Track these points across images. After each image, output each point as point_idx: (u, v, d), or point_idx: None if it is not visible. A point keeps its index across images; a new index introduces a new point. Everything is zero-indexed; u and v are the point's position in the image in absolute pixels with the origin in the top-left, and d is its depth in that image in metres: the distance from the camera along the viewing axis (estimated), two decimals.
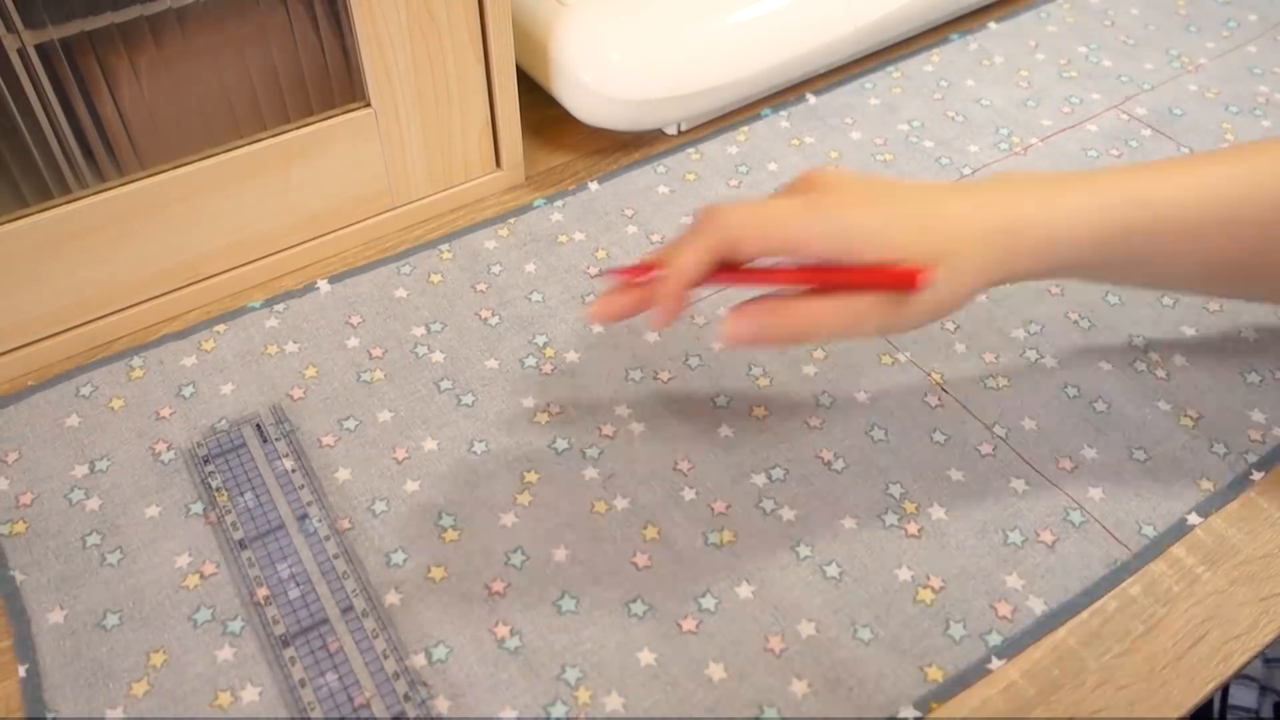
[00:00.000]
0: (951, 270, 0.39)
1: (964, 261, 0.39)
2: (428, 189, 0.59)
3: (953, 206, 0.40)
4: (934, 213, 0.40)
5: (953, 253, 0.39)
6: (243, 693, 0.39)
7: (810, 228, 0.38)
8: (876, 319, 0.39)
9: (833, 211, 0.38)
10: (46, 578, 0.43)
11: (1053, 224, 0.40)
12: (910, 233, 0.38)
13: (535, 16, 0.61)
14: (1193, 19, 0.75)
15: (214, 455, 0.47)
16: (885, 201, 0.40)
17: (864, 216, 0.39)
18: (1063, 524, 0.45)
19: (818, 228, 0.38)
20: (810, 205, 0.39)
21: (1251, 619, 0.42)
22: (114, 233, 0.49)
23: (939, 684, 0.40)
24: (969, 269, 0.39)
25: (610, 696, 0.39)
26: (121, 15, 0.46)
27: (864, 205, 0.39)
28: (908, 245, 0.38)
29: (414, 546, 0.44)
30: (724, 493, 0.46)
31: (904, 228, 0.39)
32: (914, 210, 0.40)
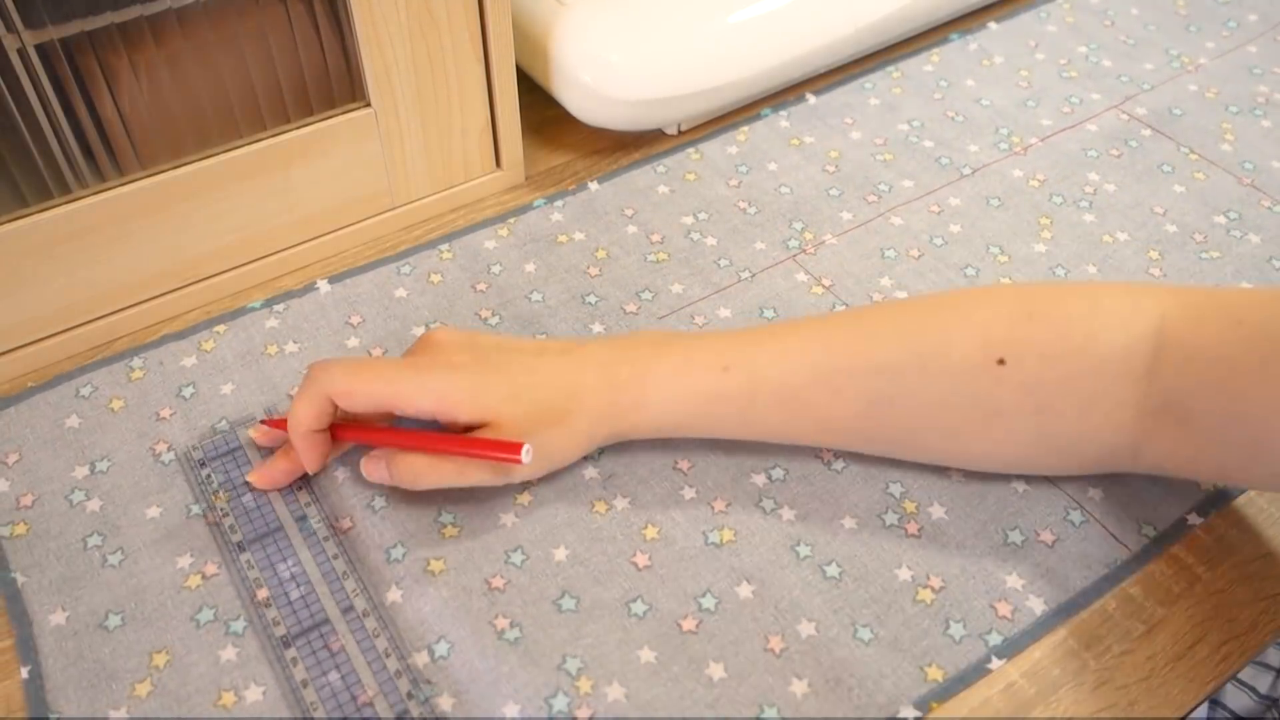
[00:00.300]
0: (548, 437, 0.42)
1: (558, 431, 0.42)
2: (428, 189, 0.59)
3: (548, 373, 0.43)
4: (527, 381, 0.43)
5: (545, 422, 0.42)
6: (246, 692, 0.39)
7: (407, 387, 0.42)
8: (489, 479, 0.42)
9: (428, 373, 0.42)
10: (48, 579, 0.43)
11: (644, 398, 0.43)
12: (501, 399, 0.42)
13: (535, 16, 0.61)
14: (1193, 19, 0.75)
15: (210, 458, 0.47)
16: (479, 366, 0.43)
17: (456, 380, 0.42)
18: (1063, 524, 0.45)
19: (412, 388, 0.42)
20: (409, 366, 0.43)
21: (1251, 619, 0.42)
22: (114, 233, 0.49)
23: (939, 684, 0.40)
24: (565, 436, 0.43)
25: (612, 686, 0.39)
26: (121, 15, 0.46)
27: (459, 369, 0.42)
28: (499, 408, 0.41)
29: (414, 540, 0.44)
30: (724, 493, 0.46)
31: (495, 394, 0.42)
32: (507, 377, 0.42)
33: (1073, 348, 0.40)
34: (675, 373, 0.43)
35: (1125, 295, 0.41)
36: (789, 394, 0.42)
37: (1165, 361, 0.39)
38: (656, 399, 0.43)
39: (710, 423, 0.44)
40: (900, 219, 0.60)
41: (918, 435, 0.43)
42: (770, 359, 0.43)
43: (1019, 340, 0.40)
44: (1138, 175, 0.62)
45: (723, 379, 0.43)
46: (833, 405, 0.42)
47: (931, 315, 0.42)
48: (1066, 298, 0.42)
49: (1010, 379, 0.40)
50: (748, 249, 0.58)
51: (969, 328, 0.41)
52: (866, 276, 0.56)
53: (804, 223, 0.59)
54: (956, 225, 0.59)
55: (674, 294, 0.55)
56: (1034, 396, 0.40)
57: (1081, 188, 0.62)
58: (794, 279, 0.56)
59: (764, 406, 0.43)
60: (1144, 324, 0.40)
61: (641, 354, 0.44)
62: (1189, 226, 0.59)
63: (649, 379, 0.43)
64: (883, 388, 0.42)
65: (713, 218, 0.60)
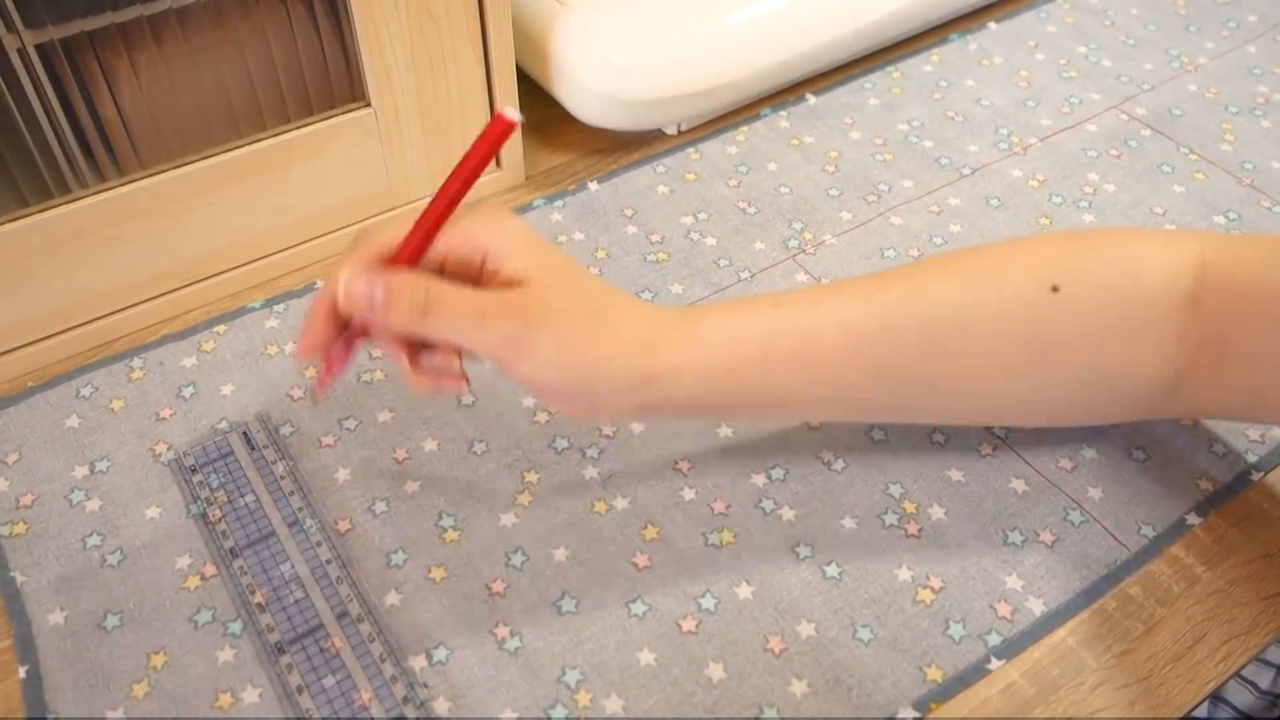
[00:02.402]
0: (592, 332, 0.37)
1: (604, 330, 0.38)
2: (428, 189, 0.59)
3: (598, 290, 0.39)
4: (579, 279, 0.39)
5: (589, 315, 0.38)
6: (243, 694, 0.39)
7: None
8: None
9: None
10: (47, 579, 0.43)
11: (692, 334, 0.39)
12: (547, 264, 0.38)
13: (535, 16, 0.61)
14: (1193, 19, 0.75)
15: (201, 465, 0.47)
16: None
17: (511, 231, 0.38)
18: (1063, 524, 0.45)
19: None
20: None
21: (1251, 619, 0.42)
22: (114, 233, 0.49)
23: (938, 684, 0.40)
24: (609, 340, 0.38)
25: (610, 699, 0.39)
26: (121, 15, 0.46)
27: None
28: (542, 267, 0.37)
29: (414, 547, 0.44)
30: (724, 493, 0.46)
31: (542, 253, 0.38)
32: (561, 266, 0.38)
33: (1122, 273, 0.40)
34: (723, 310, 0.40)
35: (1165, 233, 0.42)
36: (848, 334, 0.40)
37: (1208, 290, 0.40)
38: (706, 336, 0.39)
39: (765, 373, 0.39)
40: (900, 219, 0.59)
41: (974, 376, 0.41)
42: (825, 298, 0.40)
43: (1071, 268, 0.40)
44: (1137, 175, 0.62)
45: (775, 315, 0.39)
46: (892, 344, 0.40)
47: (984, 254, 0.42)
48: (1111, 233, 0.43)
49: (1065, 307, 0.40)
50: (747, 249, 0.58)
51: (1022, 259, 0.41)
52: None
53: (804, 223, 0.59)
54: (956, 225, 0.59)
55: (674, 294, 0.55)
56: (1087, 326, 0.40)
57: (1081, 188, 0.61)
58: (794, 279, 0.56)
59: (823, 344, 0.39)
60: (1185, 254, 0.40)
61: (686, 308, 0.41)
62: (1189, 226, 0.59)
63: (697, 317, 0.39)
64: (941, 323, 0.40)
65: (713, 218, 0.60)
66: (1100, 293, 0.40)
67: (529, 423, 0.49)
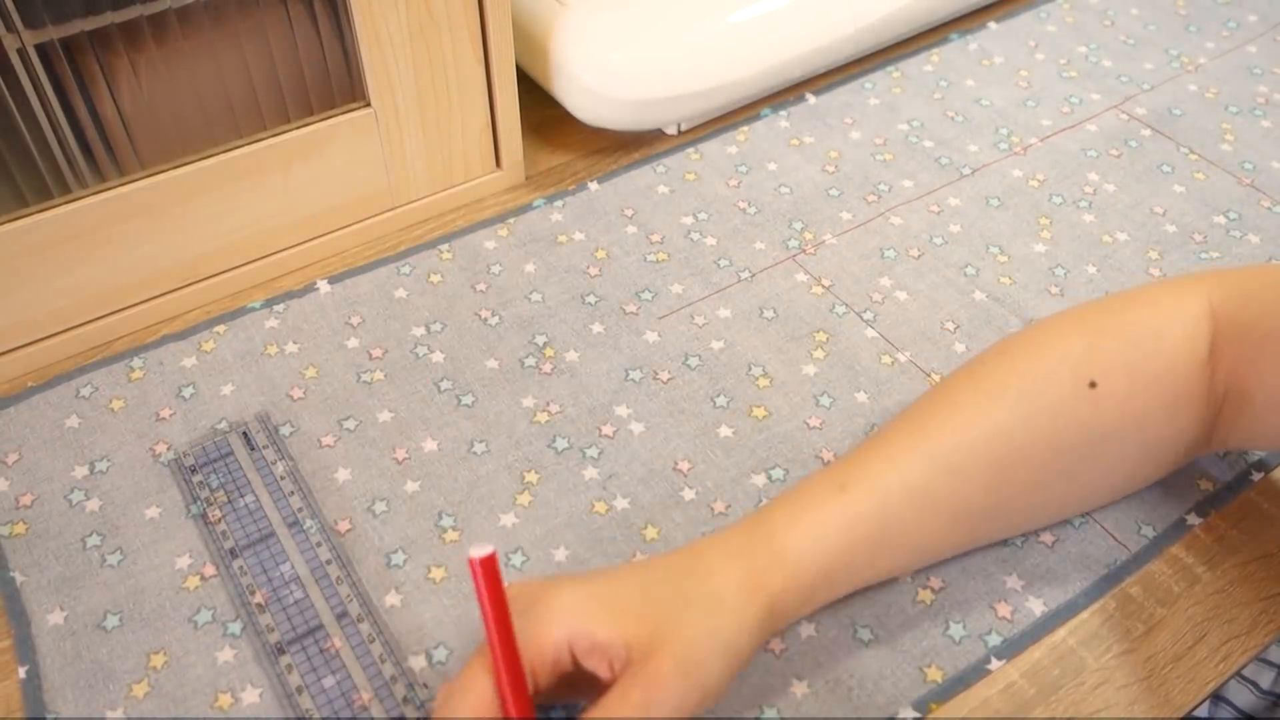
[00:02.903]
0: (706, 626, 0.35)
1: (715, 617, 0.36)
2: (428, 189, 0.59)
3: (661, 567, 0.37)
4: (644, 577, 0.37)
5: (693, 609, 0.35)
6: (243, 694, 0.39)
7: (527, 623, 0.35)
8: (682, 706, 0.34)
9: (551, 596, 0.36)
10: (46, 579, 0.43)
11: (776, 553, 0.37)
12: (632, 598, 0.36)
13: (535, 16, 0.61)
14: (1193, 19, 0.75)
15: (200, 465, 0.46)
16: (591, 579, 0.37)
17: (577, 593, 0.36)
18: (1062, 524, 0.45)
19: (534, 618, 0.35)
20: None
21: (1251, 619, 0.42)
22: (114, 233, 0.49)
23: (939, 684, 0.40)
24: (726, 619, 0.36)
25: None
26: (121, 15, 0.46)
27: (578, 584, 0.36)
28: (638, 611, 0.35)
29: (414, 547, 0.44)
30: (724, 493, 0.46)
31: (624, 595, 0.36)
32: (622, 578, 0.37)
33: (1150, 352, 0.41)
34: (794, 514, 0.39)
35: (1172, 290, 0.42)
36: (916, 491, 0.39)
37: (1222, 342, 0.40)
38: (790, 547, 0.38)
39: (857, 559, 0.39)
40: (900, 219, 0.59)
41: (1041, 488, 0.41)
42: (883, 465, 0.39)
43: (1101, 358, 0.40)
44: (1137, 175, 0.62)
45: (844, 500, 0.38)
46: (960, 489, 0.40)
47: (1013, 364, 0.41)
48: (1126, 308, 0.42)
49: (1105, 402, 0.40)
50: (747, 249, 0.58)
51: (1053, 362, 0.41)
52: (866, 276, 0.56)
53: (804, 223, 0.59)
54: (956, 225, 0.59)
55: (674, 294, 0.55)
56: (1131, 413, 0.40)
57: (1081, 188, 0.61)
58: (794, 279, 0.56)
59: (897, 514, 0.39)
60: (1196, 312, 0.41)
61: (745, 522, 0.39)
62: (1189, 226, 0.59)
63: (771, 531, 0.38)
64: (998, 450, 0.40)
65: (713, 218, 0.60)
66: (1136, 379, 0.40)
67: (529, 423, 0.49)
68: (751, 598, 0.36)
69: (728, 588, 0.36)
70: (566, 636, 0.35)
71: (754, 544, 0.38)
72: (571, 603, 0.35)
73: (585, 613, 0.35)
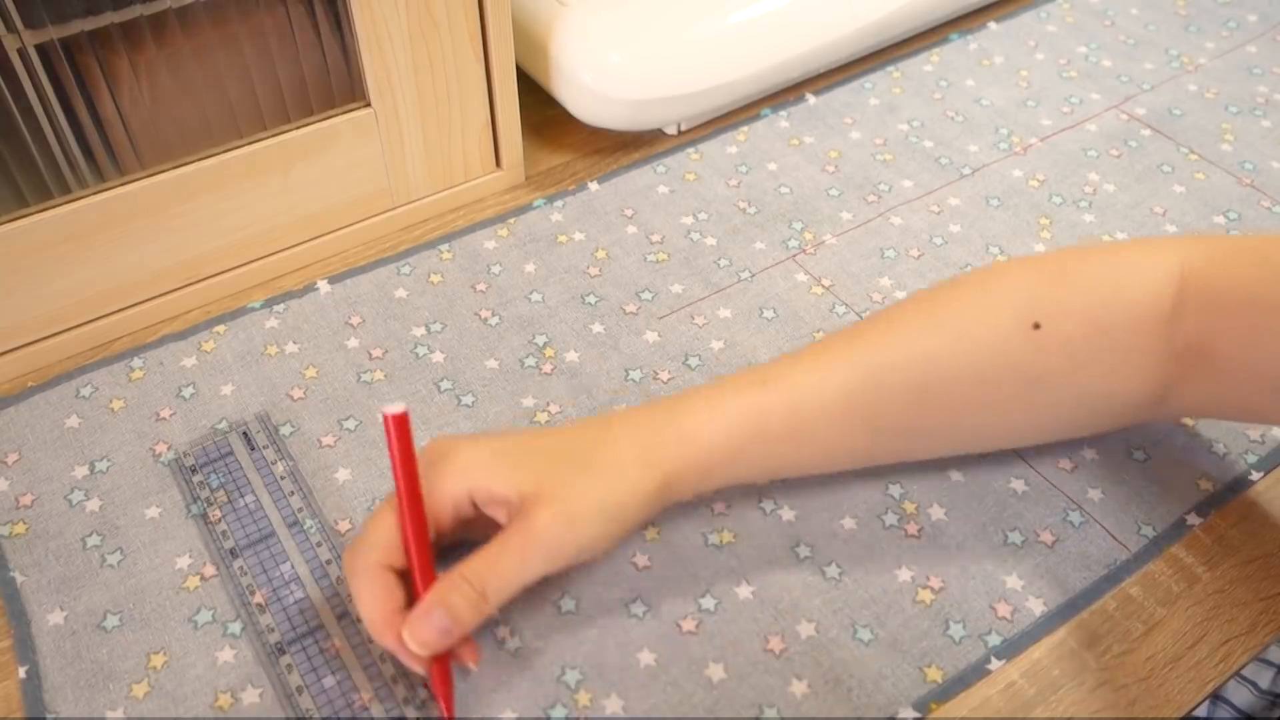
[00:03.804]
0: (593, 485, 0.38)
1: (603, 480, 0.38)
2: (428, 189, 0.59)
3: (570, 432, 0.40)
4: (550, 440, 0.40)
5: (586, 471, 0.38)
6: (243, 694, 0.39)
7: (431, 473, 0.38)
8: (554, 561, 0.38)
9: (455, 453, 0.39)
10: (47, 579, 0.43)
11: (683, 432, 0.40)
12: (530, 457, 0.39)
13: (535, 16, 0.61)
14: (1193, 19, 0.75)
15: (200, 465, 0.46)
16: (495, 437, 0.40)
17: (479, 451, 0.39)
18: (1063, 524, 0.45)
19: (438, 472, 0.38)
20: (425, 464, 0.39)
21: (1251, 619, 0.42)
22: (114, 233, 0.49)
23: (938, 684, 0.40)
24: (615, 482, 0.38)
25: (610, 699, 0.39)
26: (121, 15, 0.46)
27: (480, 442, 0.39)
28: (531, 469, 0.38)
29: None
30: (724, 493, 0.46)
31: (523, 455, 0.39)
32: (525, 438, 0.40)
33: (1100, 300, 0.40)
34: (709, 398, 0.40)
35: (1143, 246, 0.42)
36: (836, 399, 0.40)
37: (1189, 301, 0.40)
38: (697, 428, 0.40)
39: (762, 449, 0.40)
40: (900, 219, 0.59)
41: (964, 416, 0.42)
42: (807, 368, 0.41)
43: (1050, 302, 0.40)
44: (1138, 175, 0.62)
45: (762, 393, 0.40)
46: (881, 405, 0.41)
47: (960, 296, 0.42)
48: (1087, 256, 0.42)
49: (1048, 342, 0.40)
50: (747, 249, 0.58)
51: (1001, 298, 0.41)
52: (866, 276, 0.56)
53: (804, 223, 0.59)
54: (956, 225, 0.59)
55: (674, 294, 0.55)
56: (1072, 357, 0.40)
57: (1081, 188, 0.61)
58: (794, 279, 0.56)
59: (813, 417, 0.40)
60: (1165, 269, 0.40)
61: (665, 400, 0.41)
62: (1189, 226, 0.59)
63: (683, 411, 0.40)
64: (927, 375, 0.40)
65: (713, 218, 0.60)
66: (1082, 324, 0.40)
67: (528, 423, 0.49)
68: (648, 471, 0.39)
69: (627, 457, 0.39)
70: (467, 488, 0.38)
71: (662, 422, 0.40)
72: (475, 458, 0.38)
73: (486, 467, 0.38)
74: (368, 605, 0.37)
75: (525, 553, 0.37)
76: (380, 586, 0.37)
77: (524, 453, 0.39)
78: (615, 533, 0.39)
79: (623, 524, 0.39)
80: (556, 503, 0.37)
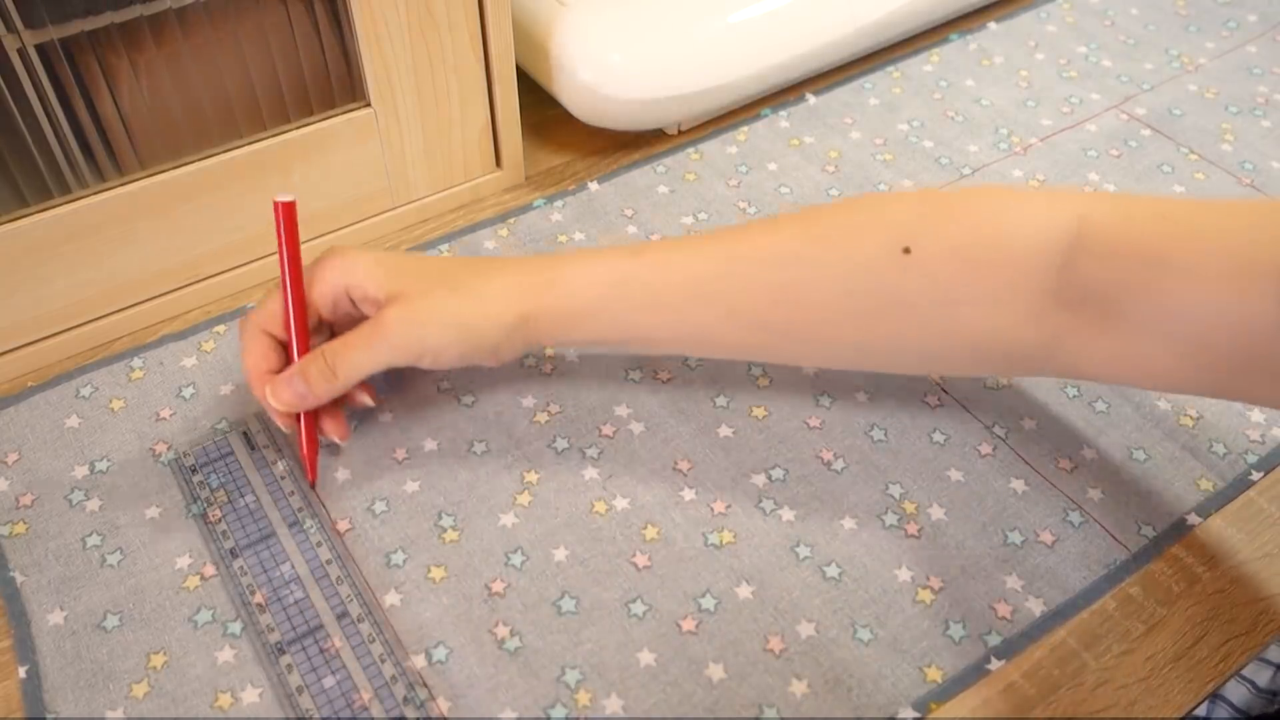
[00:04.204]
0: (456, 302, 0.43)
1: (467, 299, 0.43)
2: (428, 189, 0.59)
3: (460, 262, 0.46)
4: (437, 263, 0.46)
5: (453, 289, 0.43)
6: (243, 694, 0.39)
7: (314, 271, 0.45)
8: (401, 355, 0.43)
9: (337, 255, 0.45)
10: (47, 579, 0.43)
11: (554, 277, 0.43)
12: (410, 271, 0.44)
13: (535, 16, 0.61)
14: (1193, 19, 0.75)
15: (201, 465, 0.46)
16: (389, 254, 0.45)
17: (363, 256, 0.45)
18: (1062, 524, 0.45)
19: (319, 269, 0.45)
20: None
21: (1251, 619, 0.42)
22: (114, 233, 0.49)
23: (938, 684, 0.40)
24: (474, 303, 0.43)
25: (610, 699, 0.39)
26: (121, 15, 0.46)
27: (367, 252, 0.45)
28: (407, 278, 0.43)
29: (414, 547, 0.44)
30: (724, 493, 0.46)
31: (404, 267, 0.44)
32: (415, 259, 0.46)
33: (981, 239, 0.40)
34: (585, 257, 0.44)
35: (1045, 194, 0.42)
36: (699, 278, 0.43)
37: (1086, 253, 0.39)
38: (567, 279, 0.43)
39: (622, 310, 0.43)
40: None
41: (825, 326, 0.43)
42: (681, 248, 0.43)
43: (926, 231, 0.41)
44: (1138, 175, 0.62)
45: (633, 261, 0.43)
46: (742, 293, 0.42)
47: (840, 210, 0.43)
48: (980, 196, 0.42)
49: (915, 268, 0.40)
50: None
51: (877, 218, 0.42)
52: None
53: None
54: None
55: None
56: (940, 288, 0.40)
57: (1081, 188, 0.61)
58: None
59: (675, 290, 0.43)
60: (1061, 219, 0.40)
61: (550, 255, 0.45)
62: None
63: (560, 263, 0.44)
64: (791, 275, 0.42)
65: (713, 218, 0.60)
66: (952, 254, 0.40)
67: (529, 423, 0.49)
68: (510, 305, 0.43)
69: (494, 288, 0.43)
70: (345, 283, 0.44)
71: (536, 269, 0.44)
72: (358, 261, 0.44)
73: (366, 270, 0.43)
74: (248, 361, 0.44)
75: (373, 341, 0.42)
76: (260, 347, 0.44)
77: (403, 267, 0.44)
78: (464, 349, 0.43)
79: (473, 345, 0.43)
80: (411, 307, 0.42)
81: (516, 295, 0.43)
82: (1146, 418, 0.49)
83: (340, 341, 0.43)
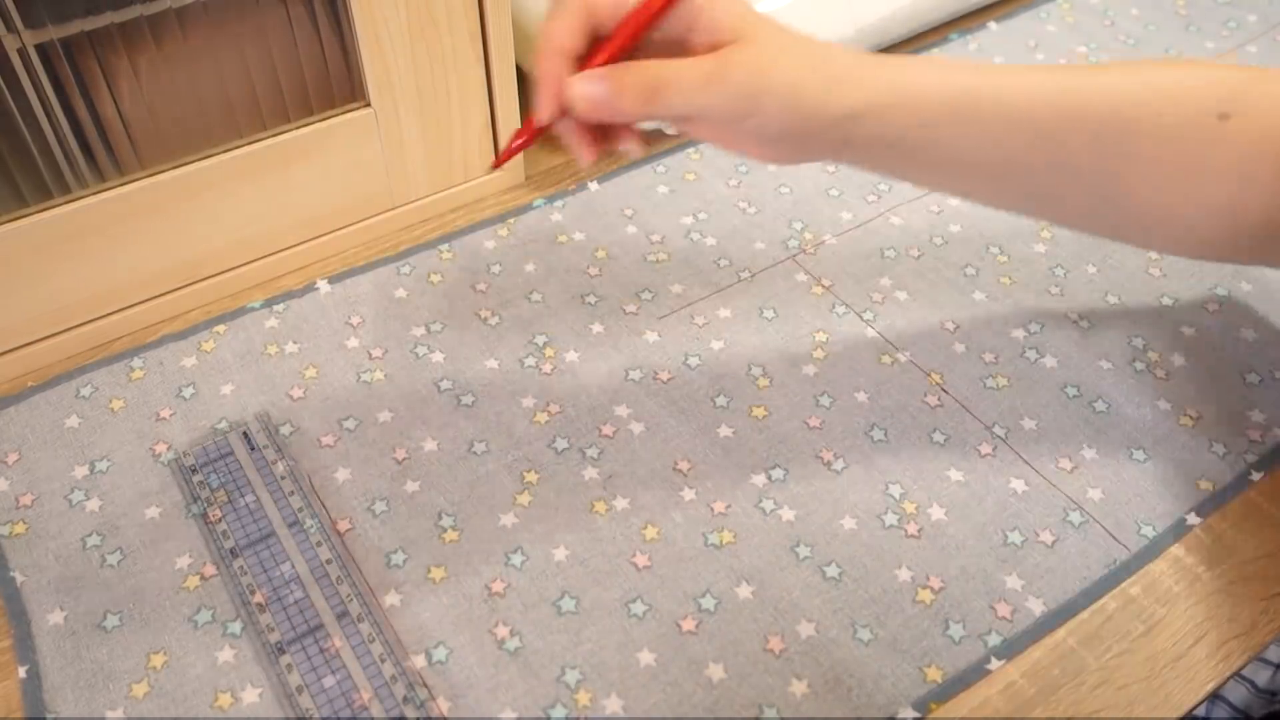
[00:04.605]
0: (790, 60, 0.38)
1: (799, 59, 0.38)
2: (427, 189, 0.59)
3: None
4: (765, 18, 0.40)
5: (787, 47, 0.38)
6: (243, 694, 0.39)
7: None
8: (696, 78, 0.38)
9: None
10: (47, 579, 0.43)
11: (863, 76, 0.39)
12: (748, 14, 0.39)
13: (535, 16, 0.61)
14: (1193, 19, 0.75)
15: (200, 465, 0.46)
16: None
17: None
18: (1062, 524, 0.45)
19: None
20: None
21: (1251, 619, 0.42)
22: (114, 233, 0.49)
23: (938, 684, 0.40)
24: (804, 60, 0.38)
25: (610, 699, 0.39)
26: (121, 15, 0.46)
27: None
28: (749, 19, 0.38)
29: (414, 547, 0.44)
30: (724, 494, 0.46)
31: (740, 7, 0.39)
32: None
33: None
34: (931, 63, 0.40)
35: (1192, 62, 0.42)
36: (1034, 106, 0.39)
37: (1255, 109, 0.39)
38: (912, 82, 0.39)
39: (954, 128, 0.40)
40: (900, 219, 0.59)
41: (1126, 183, 0.41)
42: (1021, 72, 0.40)
43: (1245, 98, 0.40)
44: None
45: (975, 77, 0.40)
46: (1068, 131, 0.40)
47: (1165, 68, 0.42)
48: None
49: (1229, 136, 0.39)
50: (748, 249, 0.58)
51: (1201, 77, 0.41)
52: (866, 276, 0.56)
53: (804, 223, 0.59)
54: (956, 225, 0.59)
55: (674, 294, 0.55)
56: (1248, 156, 0.39)
57: None
58: (794, 279, 0.56)
59: (1010, 116, 0.39)
60: (1215, 74, 0.40)
61: (889, 56, 0.41)
62: None
63: (904, 65, 0.40)
64: (1119, 113, 0.40)
65: (713, 218, 0.60)
66: (1268, 126, 0.39)
67: (529, 423, 0.49)
68: (858, 88, 0.38)
69: (846, 72, 0.38)
70: (701, 18, 0.38)
71: (884, 64, 0.39)
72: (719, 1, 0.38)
73: (727, 9, 0.38)
74: (553, 26, 0.38)
75: (711, 80, 0.37)
76: (574, 19, 0.38)
77: (769, 22, 0.39)
78: (789, 125, 0.38)
79: (805, 125, 0.38)
80: (761, 58, 0.37)
81: (858, 85, 0.39)
82: (1146, 418, 0.49)
83: (669, 66, 0.37)
